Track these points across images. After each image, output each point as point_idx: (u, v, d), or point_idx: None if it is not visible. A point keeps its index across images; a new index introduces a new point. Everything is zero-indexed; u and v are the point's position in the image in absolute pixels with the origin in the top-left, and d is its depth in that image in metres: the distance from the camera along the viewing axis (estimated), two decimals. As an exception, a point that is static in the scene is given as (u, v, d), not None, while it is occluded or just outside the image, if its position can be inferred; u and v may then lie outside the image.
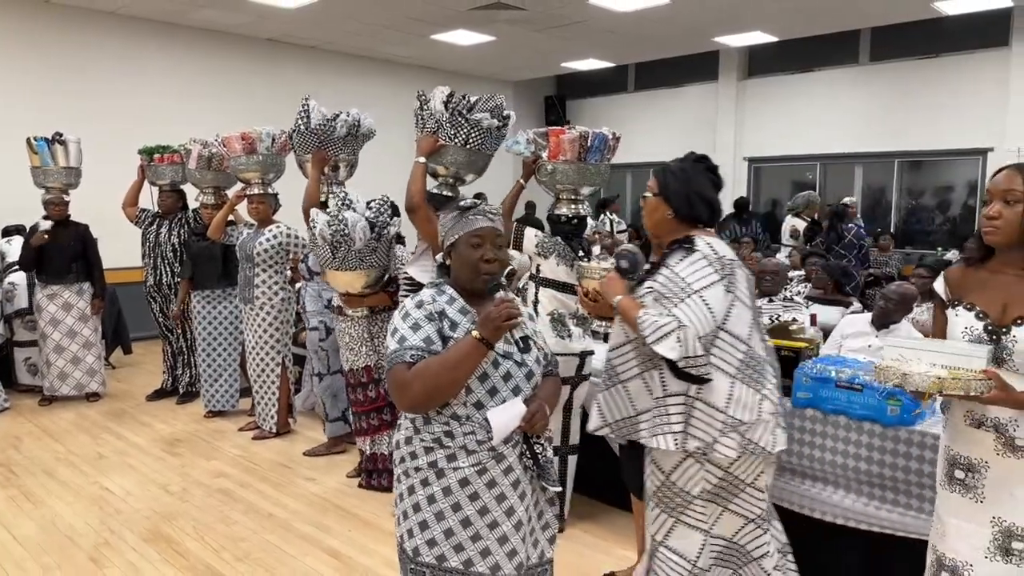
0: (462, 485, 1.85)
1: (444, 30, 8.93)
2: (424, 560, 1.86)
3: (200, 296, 5.45)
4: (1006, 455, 1.91)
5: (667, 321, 2.12)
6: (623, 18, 8.33)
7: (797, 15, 8.32)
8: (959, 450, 2.00)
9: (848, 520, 2.94)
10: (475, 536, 1.84)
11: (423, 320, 1.85)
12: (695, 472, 2.29)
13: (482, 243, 1.91)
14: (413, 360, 1.79)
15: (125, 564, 3.29)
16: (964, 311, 1.99)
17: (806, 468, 3.07)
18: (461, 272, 1.94)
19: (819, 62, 10.20)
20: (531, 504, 1.95)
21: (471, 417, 1.83)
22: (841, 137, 9.99)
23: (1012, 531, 1.92)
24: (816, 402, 3.03)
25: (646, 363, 2.29)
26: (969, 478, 1.97)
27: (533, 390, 1.93)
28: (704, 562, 2.36)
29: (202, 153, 5.33)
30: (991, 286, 1.95)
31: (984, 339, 1.92)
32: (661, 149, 11.62)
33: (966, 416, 1.97)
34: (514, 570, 1.87)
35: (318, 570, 3.24)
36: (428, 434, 1.87)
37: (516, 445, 1.90)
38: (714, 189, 2.37)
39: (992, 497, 1.93)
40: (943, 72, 9.21)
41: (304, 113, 4.20)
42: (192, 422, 5.38)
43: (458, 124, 3.37)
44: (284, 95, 8.16)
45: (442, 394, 1.80)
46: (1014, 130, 8.70)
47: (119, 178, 5.93)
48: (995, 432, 1.92)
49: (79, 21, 7.92)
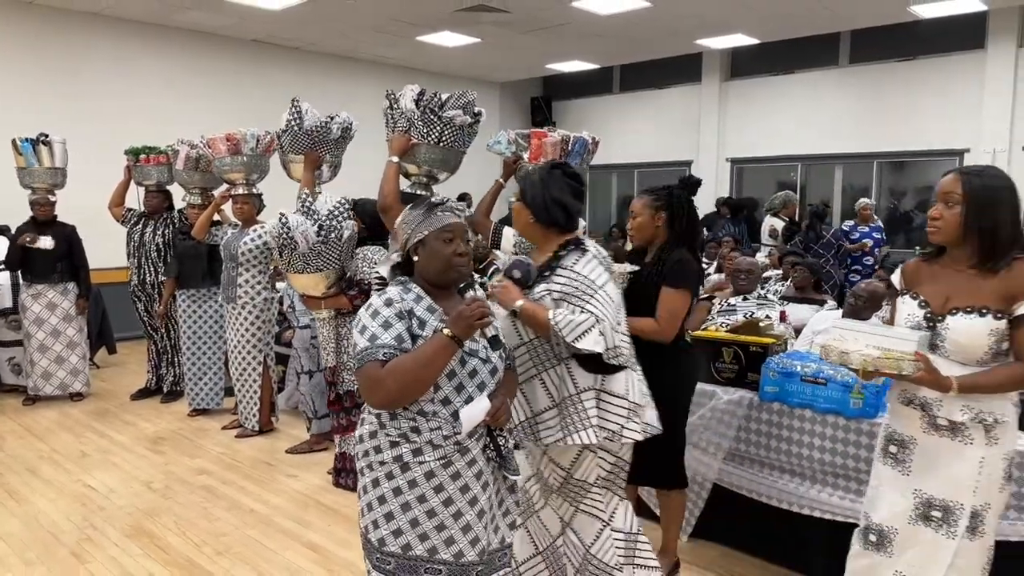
0: (427, 478, 1.89)
1: (429, 32, 8.99)
2: (389, 550, 1.91)
3: (185, 295, 5.49)
4: (930, 433, 2.11)
5: (584, 318, 2.26)
6: (606, 21, 8.42)
7: (777, 18, 8.44)
8: (895, 427, 2.20)
9: (814, 510, 3.03)
10: (440, 526, 1.90)
11: (393, 318, 1.87)
12: (590, 462, 2.45)
13: (454, 238, 1.95)
14: (386, 358, 1.81)
15: (107, 559, 3.34)
16: (910, 300, 2.17)
17: (773, 460, 3.16)
18: (431, 267, 1.97)
19: (800, 64, 10.33)
20: (493, 493, 2.01)
21: (438, 413, 1.88)
22: (822, 138, 10.12)
23: (932, 502, 2.12)
24: (783, 396, 3.13)
25: (542, 364, 2.42)
26: (900, 452, 2.18)
27: (496, 385, 1.98)
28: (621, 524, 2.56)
29: (190, 154, 5.38)
30: (939, 280, 2.13)
31: (923, 326, 2.10)
32: (646, 150, 11.81)
33: (900, 395, 2.17)
34: (476, 556, 1.94)
35: (298, 563, 3.30)
36: (394, 429, 1.90)
37: (480, 438, 1.96)
38: (573, 195, 2.50)
39: (917, 471, 2.14)
40: (921, 74, 9.35)
41: (296, 114, 4.24)
42: (176, 420, 5.42)
43: (431, 122, 3.40)
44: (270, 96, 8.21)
45: (414, 392, 1.84)
46: (989, 131, 8.85)
47: (106, 178, 5.96)
48: (921, 411, 2.11)
49: (64, 22, 7.94)
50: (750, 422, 3.21)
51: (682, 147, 11.41)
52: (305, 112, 4.27)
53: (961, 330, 2.04)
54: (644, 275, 2.86)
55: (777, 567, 3.21)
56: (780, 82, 10.56)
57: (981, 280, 2.05)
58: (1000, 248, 2.02)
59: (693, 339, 3.48)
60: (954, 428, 2.07)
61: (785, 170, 10.83)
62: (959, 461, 2.07)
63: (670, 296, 2.81)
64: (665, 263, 2.84)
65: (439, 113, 3.37)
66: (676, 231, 2.91)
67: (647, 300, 2.82)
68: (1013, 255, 2.02)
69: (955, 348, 2.05)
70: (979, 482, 2.05)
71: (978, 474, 2.05)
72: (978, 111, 8.93)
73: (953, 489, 2.08)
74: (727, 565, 3.26)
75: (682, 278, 2.82)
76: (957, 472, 2.07)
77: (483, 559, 1.97)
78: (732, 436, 3.23)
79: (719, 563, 3.28)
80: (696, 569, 3.22)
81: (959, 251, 2.09)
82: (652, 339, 2.81)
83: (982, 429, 2.05)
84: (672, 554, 3.11)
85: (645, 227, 2.93)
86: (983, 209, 2.01)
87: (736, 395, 3.24)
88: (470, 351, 1.92)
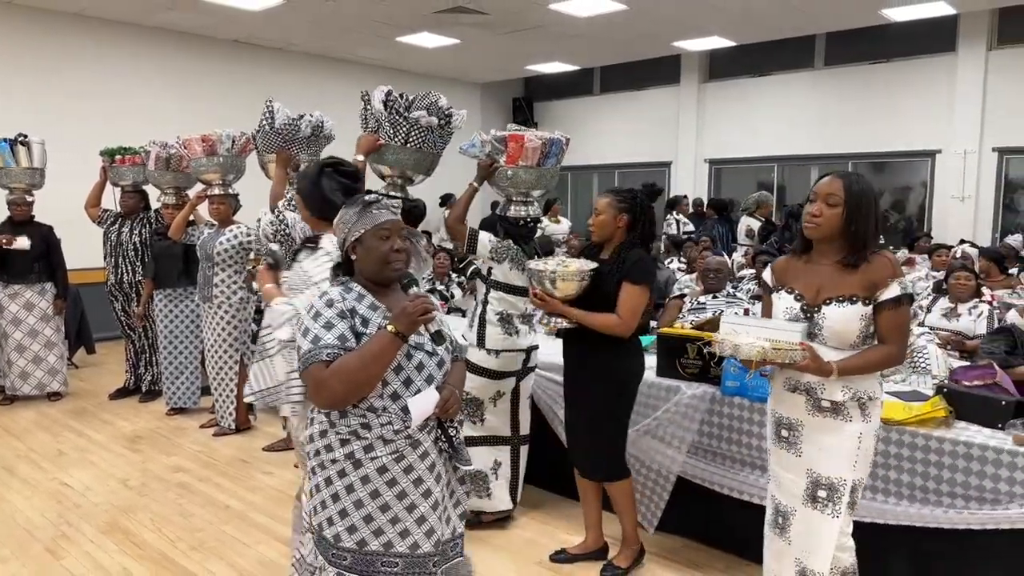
0: (380, 473, 1.93)
1: (409, 33, 9.04)
2: (345, 546, 1.94)
3: (162, 295, 5.52)
4: (815, 414, 2.31)
5: (286, 309, 2.55)
6: (584, 23, 8.51)
7: (753, 21, 8.56)
8: (782, 412, 2.39)
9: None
10: (394, 519, 1.94)
11: (335, 318, 1.89)
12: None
13: (390, 235, 1.99)
14: (330, 358, 1.83)
15: (81, 555, 3.38)
16: (786, 294, 2.36)
17: (735, 453, 3.25)
18: (369, 265, 2.00)
19: (776, 66, 10.47)
20: (444, 484, 2.06)
21: (387, 408, 1.91)
22: (798, 139, 10.27)
23: (819, 481, 2.30)
24: (743, 391, 3.21)
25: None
26: (791, 436, 2.37)
27: (444, 377, 2.04)
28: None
29: (160, 155, 5.41)
30: (809, 274, 2.34)
31: (800, 317, 2.30)
32: (626, 150, 11.91)
33: (785, 382, 2.36)
34: (432, 547, 1.99)
35: (270, 557, 3.35)
36: (344, 427, 1.93)
37: (431, 431, 2.01)
38: (344, 192, 2.64)
39: (807, 451, 2.33)
40: (893, 76, 9.52)
41: (268, 114, 4.29)
42: (154, 419, 5.45)
43: (397, 123, 3.44)
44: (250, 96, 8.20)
45: (361, 389, 1.87)
46: (960, 132, 9.03)
47: (84, 179, 5.97)
48: (806, 395, 2.31)
49: (43, 22, 7.92)
50: (712, 416, 3.30)
51: (661, 148, 11.53)
52: (277, 111, 4.32)
53: (836, 317, 2.24)
54: (604, 272, 2.97)
55: (739, 558, 3.30)
56: (757, 84, 10.70)
57: (846, 273, 2.26)
58: (865, 245, 2.25)
59: (658, 335, 3.58)
60: (836, 408, 2.27)
61: (762, 171, 10.97)
62: (840, 438, 2.27)
63: (631, 292, 2.92)
64: (625, 261, 2.96)
65: (405, 114, 3.42)
66: (635, 233, 3.04)
67: (605, 296, 2.92)
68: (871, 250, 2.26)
69: (831, 335, 2.25)
70: (858, 456, 2.27)
71: (857, 448, 2.26)
72: (949, 113, 9.10)
73: (837, 466, 2.27)
74: (691, 556, 3.35)
75: (643, 275, 2.95)
76: (839, 448, 2.27)
77: (439, 550, 2.02)
78: (695, 430, 3.31)
79: (683, 553, 3.37)
80: (660, 560, 3.31)
81: (829, 246, 2.30)
82: (612, 333, 2.91)
83: (858, 407, 2.26)
84: (634, 541, 3.20)
85: (606, 225, 3.04)
86: (859, 211, 2.24)
87: (699, 390, 3.32)
88: (416, 345, 1.96)
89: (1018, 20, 8.60)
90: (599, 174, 12.35)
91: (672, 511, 3.43)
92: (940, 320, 4.76)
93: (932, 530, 2.67)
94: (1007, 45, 8.80)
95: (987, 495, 2.58)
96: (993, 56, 8.83)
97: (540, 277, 3.01)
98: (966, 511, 2.60)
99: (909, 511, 2.71)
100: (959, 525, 2.60)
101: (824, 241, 2.30)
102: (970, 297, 4.76)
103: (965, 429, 2.72)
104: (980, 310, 4.70)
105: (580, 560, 3.25)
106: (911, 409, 2.81)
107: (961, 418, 2.80)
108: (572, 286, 2.95)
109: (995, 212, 9.06)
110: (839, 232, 2.25)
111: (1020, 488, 2.52)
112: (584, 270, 2.95)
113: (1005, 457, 2.55)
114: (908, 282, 2.28)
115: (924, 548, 2.75)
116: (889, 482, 2.79)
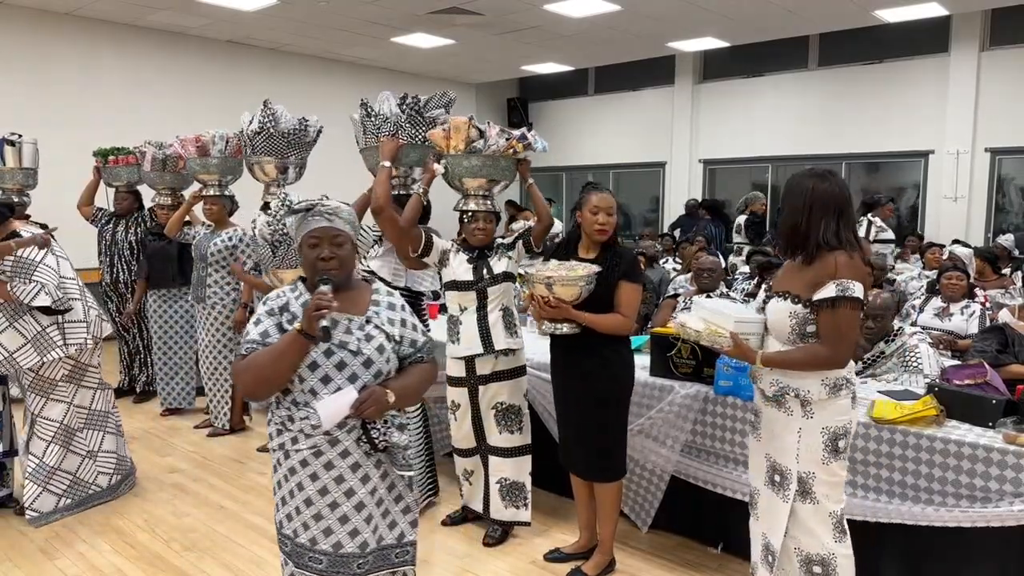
0: (302, 466, 1.98)
1: (403, 33, 9.05)
2: (285, 532, 2.04)
3: (156, 295, 5.50)
4: (766, 404, 2.42)
5: (32, 286, 3.43)
6: (577, 24, 8.53)
7: (746, 22, 8.59)
8: (755, 399, 2.52)
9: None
10: (317, 515, 1.98)
11: (264, 316, 1.98)
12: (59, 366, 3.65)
13: (319, 243, 2.00)
14: (247, 352, 1.93)
15: (75, 555, 3.38)
16: (765, 287, 2.50)
17: (728, 452, 3.26)
18: (305, 271, 2.07)
19: (770, 67, 10.51)
20: (380, 487, 2.05)
21: (307, 403, 1.95)
22: (791, 139, 10.31)
23: (776, 466, 2.40)
24: (736, 390, 3.22)
25: (11, 317, 3.50)
26: (756, 421, 2.51)
27: (376, 377, 1.99)
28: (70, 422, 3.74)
29: (156, 155, 5.40)
30: (785, 269, 2.45)
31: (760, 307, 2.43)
32: (621, 151, 11.94)
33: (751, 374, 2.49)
34: (357, 548, 2.00)
35: (263, 557, 3.35)
36: (277, 418, 2.01)
37: (352, 430, 1.99)
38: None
39: (765, 437, 2.45)
40: (887, 77, 9.56)
41: (271, 116, 4.29)
42: (148, 420, 5.44)
43: (417, 123, 3.51)
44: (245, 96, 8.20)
45: (268, 383, 1.91)
46: (953, 133, 9.07)
47: (76, 179, 5.96)
48: (758, 385, 2.43)
49: (36, 22, 7.91)
50: (706, 415, 3.31)
51: (656, 148, 11.56)
52: (280, 114, 4.32)
53: (772, 311, 2.35)
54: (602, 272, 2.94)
55: (732, 556, 3.31)
56: (751, 84, 10.74)
57: (799, 270, 2.33)
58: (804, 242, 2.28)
59: (651, 335, 3.59)
60: (777, 400, 2.36)
61: (757, 171, 11.01)
62: (783, 430, 2.37)
63: (632, 290, 2.96)
64: (621, 260, 2.98)
65: (423, 114, 3.48)
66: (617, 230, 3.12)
67: (600, 296, 2.92)
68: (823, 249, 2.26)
69: (770, 327, 2.37)
70: (799, 450, 2.32)
71: (797, 442, 2.32)
72: (942, 113, 9.15)
73: (782, 454, 2.37)
74: (682, 554, 3.36)
75: (638, 274, 3.03)
76: (782, 438, 2.37)
77: (366, 553, 2.02)
78: (689, 429, 3.33)
79: (675, 552, 3.38)
80: (653, 558, 3.32)
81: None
82: (620, 332, 2.92)
83: (799, 403, 2.32)
84: (608, 551, 3.18)
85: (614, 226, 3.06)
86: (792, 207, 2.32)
87: (692, 389, 3.33)
88: (340, 343, 1.96)
89: (1011, 21, 8.65)
90: (593, 174, 12.37)
91: (665, 509, 3.44)
92: (932, 320, 4.79)
93: (923, 528, 2.68)
94: (1000, 46, 8.85)
95: (978, 493, 2.59)
96: (986, 57, 8.88)
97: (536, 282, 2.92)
98: (957, 509, 2.61)
99: (900, 509, 2.72)
100: (950, 523, 2.61)
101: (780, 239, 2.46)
102: (962, 297, 4.78)
103: (956, 428, 2.74)
104: (972, 310, 4.73)
105: (574, 559, 3.26)
106: (902, 408, 2.82)
107: (952, 417, 2.81)
108: (574, 291, 2.89)
109: (988, 212, 9.11)
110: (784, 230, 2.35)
111: (1010, 486, 2.53)
112: (591, 275, 2.89)
113: (995, 455, 2.56)
114: (851, 285, 2.21)
115: (916, 546, 2.77)
116: (880, 480, 2.81)
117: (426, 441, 3.82)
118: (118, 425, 4.04)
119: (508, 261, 3.38)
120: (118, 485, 4.01)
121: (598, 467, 3.12)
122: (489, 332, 3.31)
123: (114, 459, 3.98)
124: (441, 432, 4.23)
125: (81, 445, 3.81)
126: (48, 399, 3.70)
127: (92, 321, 3.74)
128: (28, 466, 3.69)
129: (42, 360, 3.56)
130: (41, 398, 3.69)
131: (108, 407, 3.97)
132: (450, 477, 3.87)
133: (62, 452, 3.74)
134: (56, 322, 3.58)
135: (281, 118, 4.31)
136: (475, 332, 3.31)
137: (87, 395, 3.83)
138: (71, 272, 3.68)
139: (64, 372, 3.70)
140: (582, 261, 3.01)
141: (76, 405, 3.78)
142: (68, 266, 3.68)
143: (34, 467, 3.67)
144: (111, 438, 3.96)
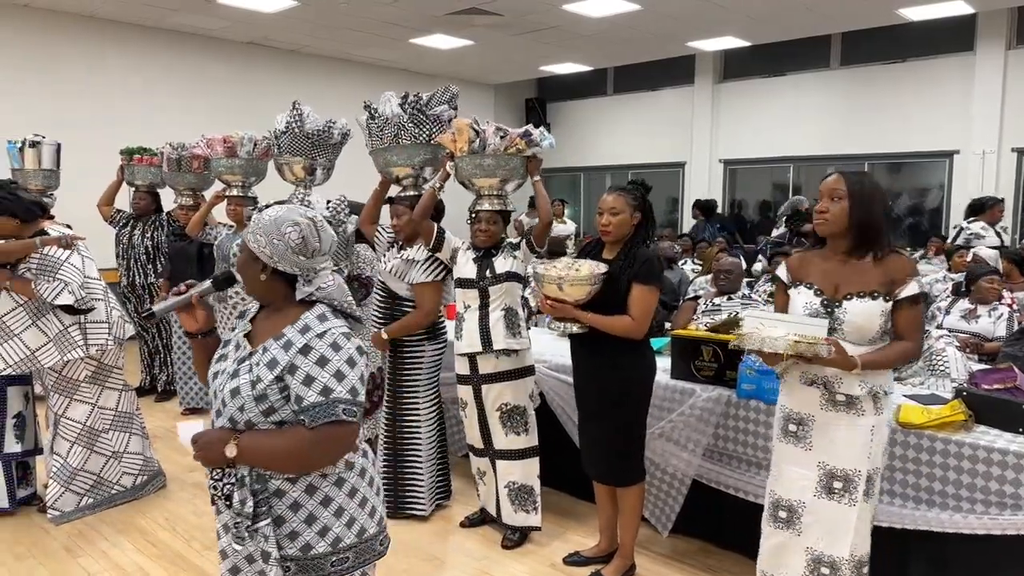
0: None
1: (422, 34, 9.06)
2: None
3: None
4: (828, 409, 2.36)
5: (55, 284, 3.41)
6: (597, 23, 8.50)
7: (768, 21, 8.51)
8: (792, 407, 2.44)
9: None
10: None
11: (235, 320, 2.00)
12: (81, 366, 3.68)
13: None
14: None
15: (98, 553, 3.40)
16: (804, 289, 2.40)
17: (750, 456, 3.22)
18: None
19: (792, 66, 10.41)
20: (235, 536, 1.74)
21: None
22: (813, 139, 10.20)
23: (834, 473, 2.36)
24: (759, 394, 3.18)
25: (34, 315, 3.49)
26: (800, 430, 2.42)
27: (240, 409, 1.67)
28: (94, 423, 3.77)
29: (171, 156, 5.45)
30: (824, 269, 2.39)
31: (820, 312, 2.34)
32: (640, 151, 11.89)
33: (801, 376, 2.39)
34: None
35: (284, 557, 3.36)
36: None
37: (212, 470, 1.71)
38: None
39: (818, 445, 2.38)
40: (911, 76, 9.44)
41: (297, 116, 4.31)
42: (169, 419, 5.47)
43: (420, 122, 3.48)
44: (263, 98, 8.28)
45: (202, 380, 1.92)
46: (979, 133, 8.93)
47: (97, 180, 6.01)
48: (823, 388, 2.35)
49: (57, 24, 8.00)
50: (728, 419, 3.27)
51: (675, 148, 11.49)
52: (307, 115, 4.34)
53: (858, 312, 2.29)
54: (613, 272, 2.91)
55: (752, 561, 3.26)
56: (772, 84, 10.64)
57: (865, 268, 2.32)
58: (877, 236, 2.31)
59: (673, 337, 3.55)
60: (850, 402, 2.32)
61: (777, 171, 10.91)
62: (854, 431, 2.33)
63: (643, 293, 2.88)
64: (635, 260, 2.91)
65: (426, 112, 3.44)
66: (643, 231, 3.01)
67: (615, 297, 2.88)
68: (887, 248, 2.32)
69: (851, 329, 2.30)
70: (872, 448, 2.32)
71: (870, 441, 2.32)
72: (967, 113, 9.01)
73: (851, 458, 2.33)
74: (704, 559, 3.33)
75: (653, 276, 2.91)
76: (853, 441, 2.32)
77: None
78: (711, 433, 3.29)
79: (697, 557, 3.34)
80: (674, 563, 3.29)
81: (841, 241, 2.35)
82: (627, 335, 2.88)
83: (871, 401, 2.32)
84: (629, 555, 3.16)
85: (625, 224, 2.95)
86: (863, 203, 2.30)
87: (714, 393, 3.29)
88: (220, 356, 1.80)
89: (1038, 19, 8.51)
90: (612, 175, 12.32)
91: (686, 514, 3.41)
92: (959, 322, 4.71)
93: (951, 535, 2.63)
94: (1027, 44, 8.71)
95: (1007, 500, 2.54)
96: (1012, 55, 8.74)
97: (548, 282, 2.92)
98: (986, 516, 2.56)
99: (928, 516, 2.67)
100: (979, 530, 2.56)
101: (836, 236, 2.36)
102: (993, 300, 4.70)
103: (985, 433, 2.68)
104: (999, 312, 4.64)
105: (593, 563, 3.23)
106: (930, 413, 2.77)
107: (981, 422, 2.76)
108: (583, 290, 2.87)
109: (1015, 213, 8.96)
110: (847, 226, 2.31)
111: (1042, 493, 2.48)
112: (596, 274, 2.88)
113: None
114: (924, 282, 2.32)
115: (943, 553, 2.72)
116: (908, 487, 2.76)
117: (439, 442, 3.80)
118: (143, 427, 4.06)
119: (514, 261, 3.39)
120: (143, 486, 4.04)
121: (615, 469, 3.09)
122: (489, 331, 3.35)
123: (140, 460, 4.01)
124: (460, 433, 4.22)
125: (106, 446, 3.84)
126: (72, 400, 3.72)
127: (115, 322, 3.74)
128: (52, 466, 3.72)
129: (62, 359, 3.57)
130: (64, 398, 3.71)
131: (132, 408, 3.99)
132: (468, 479, 3.85)
133: (86, 452, 3.77)
134: (78, 322, 3.59)
135: (307, 119, 4.33)
136: (476, 330, 3.38)
137: (112, 396, 3.86)
138: (96, 273, 3.68)
139: (87, 373, 3.73)
140: (603, 262, 2.98)
141: (101, 407, 3.81)
142: (93, 267, 3.68)
143: (58, 467, 3.70)
144: (137, 439, 3.99)
